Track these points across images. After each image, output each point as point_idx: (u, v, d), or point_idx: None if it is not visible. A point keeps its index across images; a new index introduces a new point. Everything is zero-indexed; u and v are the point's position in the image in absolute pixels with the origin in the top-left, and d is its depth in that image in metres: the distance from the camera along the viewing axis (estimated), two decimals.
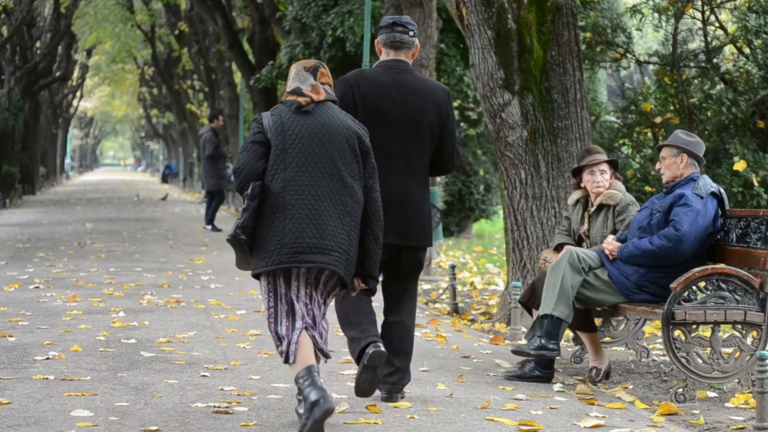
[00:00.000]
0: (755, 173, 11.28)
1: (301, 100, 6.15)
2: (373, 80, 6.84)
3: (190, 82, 48.08)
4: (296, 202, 6.00)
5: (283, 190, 6.01)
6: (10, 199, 35.38)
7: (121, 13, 40.38)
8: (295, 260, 5.94)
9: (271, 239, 5.97)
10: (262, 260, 5.98)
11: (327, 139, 6.10)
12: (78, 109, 73.63)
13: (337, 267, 5.99)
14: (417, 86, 6.89)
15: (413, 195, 6.84)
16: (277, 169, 6.05)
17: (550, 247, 8.84)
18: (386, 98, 6.81)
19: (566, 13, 10.19)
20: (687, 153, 7.69)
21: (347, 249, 6.05)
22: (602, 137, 12.27)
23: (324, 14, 21.90)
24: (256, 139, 6.11)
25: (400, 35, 6.92)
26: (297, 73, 6.26)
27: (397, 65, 6.91)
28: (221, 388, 7.08)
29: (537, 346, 7.60)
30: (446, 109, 6.94)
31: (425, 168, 6.95)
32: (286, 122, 6.10)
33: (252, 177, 6.04)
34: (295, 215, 5.98)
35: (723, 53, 12.72)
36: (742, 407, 6.99)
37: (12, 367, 7.70)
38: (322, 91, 6.21)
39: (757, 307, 7.20)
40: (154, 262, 16.12)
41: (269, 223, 6.00)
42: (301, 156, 6.06)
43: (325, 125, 6.13)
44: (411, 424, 6.22)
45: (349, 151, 6.15)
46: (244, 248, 6.04)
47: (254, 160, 6.07)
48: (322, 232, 5.98)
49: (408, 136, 6.84)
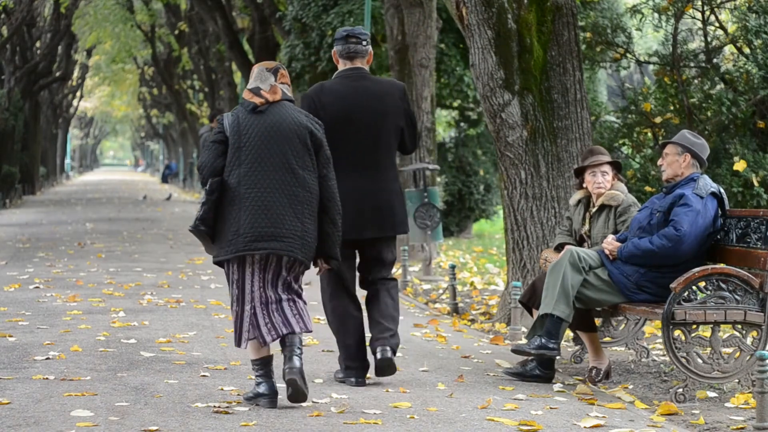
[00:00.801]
0: (755, 173, 11.28)
1: (256, 101, 6.73)
2: (334, 91, 7.47)
3: (190, 82, 48.10)
4: (250, 195, 6.60)
5: (238, 185, 6.62)
6: (10, 199, 35.39)
7: (121, 13, 40.38)
8: (250, 248, 6.56)
9: (228, 230, 6.61)
10: (222, 249, 6.63)
11: (279, 136, 6.67)
12: (78, 109, 73.64)
13: (291, 251, 6.59)
14: (376, 90, 7.52)
15: (385, 191, 7.50)
16: (233, 165, 6.65)
17: (550, 247, 8.84)
18: (349, 106, 7.42)
19: (566, 13, 10.19)
20: (691, 153, 7.69)
21: (302, 235, 6.65)
22: (602, 137, 12.27)
23: (324, 14, 21.90)
24: (216, 139, 6.73)
25: (355, 46, 7.54)
26: (259, 73, 6.84)
27: (354, 73, 7.53)
28: (221, 388, 7.08)
29: (537, 346, 7.60)
30: (404, 105, 7.60)
31: (393, 163, 7.61)
32: (242, 122, 6.70)
33: (212, 173, 6.66)
34: (249, 207, 6.59)
35: (723, 53, 12.72)
36: (742, 407, 6.99)
37: (12, 367, 7.70)
38: (279, 91, 6.78)
39: (757, 307, 7.20)
40: (154, 262, 16.13)
41: (227, 215, 6.64)
42: (255, 153, 6.65)
43: (277, 123, 6.70)
44: (411, 424, 6.22)
45: (300, 146, 6.71)
46: (206, 238, 6.70)
47: (214, 158, 6.69)
48: (274, 221, 6.58)
49: (374, 138, 7.46)
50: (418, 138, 7.90)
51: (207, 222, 6.66)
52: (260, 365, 6.70)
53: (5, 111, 34.44)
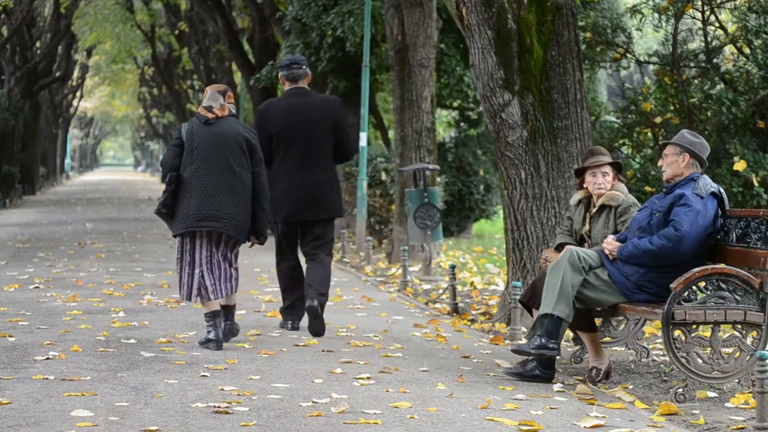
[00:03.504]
0: (755, 173, 11.28)
1: (209, 116, 8.86)
2: (279, 107, 9.71)
3: (190, 82, 48.10)
4: (198, 185, 8.74)
5: (190, 178, 8.76)
6: (10, 199, 35.39)
7: (121, 13, 40.37)
8: (196, 225, 8.72)
9: (181, 211, 8.77)
10: (177, 226, 8.79)
11: (222, 143, 8.81)
12: (78, 109, 73.61)
13: (227, 230, 8.73)
14: (313, 103, 9.71)
15: (319, 181, 9.62)
16: (187, 163, 8.80)
17: (550, 247, 8.84)
18: (291, 116, 9.63)
19: (566, 13, 10.18)
20: (689, 153, 7.69)
21: (236, 216, 8.75)
22: (602, 137, 12.27)
23: (324, 14, 21.90)
24: (175, 143, 8.91)
25: (296, 70, 9.75)
26: (212, 94, 8.94)
27: (297, 91, 9.75)
28: (221, 388, 7.08)
29: (537, 346, 7.60)
30: (336, 114, 9.71)
31: (329, 159, 9.72)
32: (195, 131, 8.85)
33: (171, 169, 8.81)
34: (197, 195, 8.72)
35: (723, 53, 12.72)
36: (742, 407, 6.99)
37: (12, 367, 7.70)
38: (227, 109, 8.93)
39: (757, 307, 7.20)
40: (154, 262, 16.13)
41: (181, 201, 8.79)
42: (203, 154, 8.79)
43: (222, 133, 8.84)
44: (411, 424, 6.22)
45: (238, 150, 8.83)
46: (167, 218, 8.87)
47: (173, 158, 8.84)
48: (215, 206, 8.71)
49: (311, 139, 9.62)
50: (353, 147, 10.00)
51: (167, 206, 8.81)
52: (210, 317, 8.74)
53: (5, 111, 34.44)
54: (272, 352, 8.52)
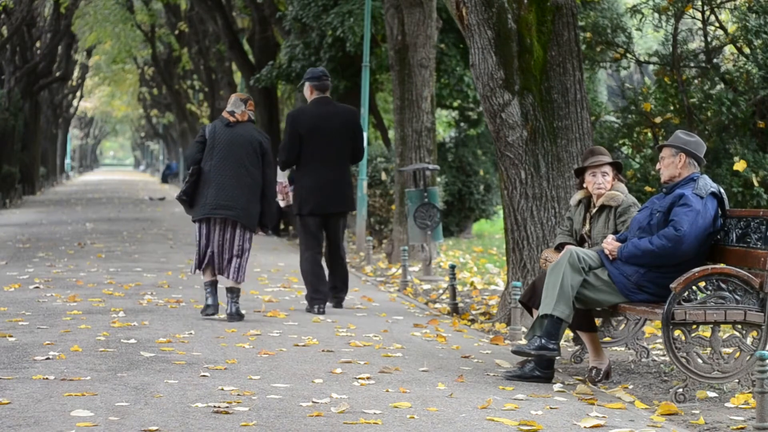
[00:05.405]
0: (755, 173, 11.28)
1: (230, 119, 10.42)
2: (308, 113, 11.21)
3: (190, 82, 48.08)
4: (216, 179, 10.30)
5: (209, 172, 10.33)
6: (10, 199, 35.39)
7: (121, 13, 40.38)
8: (212, 213, 10.30)
9: (200, 200, 10.35)
10: (196, 212, 10.38)
11: (239, 143, 10.35)
12: (78, 109, 73.62)
13: (239, 218, 10.28)
14: (336, 112, 11.26)
15: (339, 178, 11.22)
16: (207, 159, 10.37)
17: (550, 247, 8.83)
18: (319, 122, 11.13)
19: (566, 13, 10.18)
20: (685, 152, 7.70)
21: (246, 207, 10.29)
22: (602, 137, 12.27)
23: (324, 14, 21.90)
24: (198, 140, 10.49)
25: (326, 82, 11.32)
26: (235, 101, 10.51)
27: (324, 100, 11.30)
28: (221, 388, 7.08)
29: (537, 346, 7.60)
30: (355, 122, 11.38)
31: (347, 160, 11.35)
32: (217, 131, 10.41)
33: (194, 162, 10.40)
34: (214, 186, 10.28)
35: (723, 53, 12.73)
36: (742, 407, 6.99)
37: (12, 367, 7.70)
38: (247, 115, 10.47)
39: (757, 307, 7.19)
40: (154, 262, 16.13)
41: (201, 191, 10.36)
42: (222, 152, 10.33)
43: (240, 135, 10.38)
44: (411, 424, 6.22)
45: (252, 151, 10.38)
46: (186, 205, 10.45)
47: (195, 152, 10.43)
48: (229, 197, 10.26)
49: (333, 143, 11.16)
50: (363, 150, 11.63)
51: (187, 194, 10.40)
52: (210, 285, 10.40)
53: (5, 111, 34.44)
54: (272, 352, 8.51)
